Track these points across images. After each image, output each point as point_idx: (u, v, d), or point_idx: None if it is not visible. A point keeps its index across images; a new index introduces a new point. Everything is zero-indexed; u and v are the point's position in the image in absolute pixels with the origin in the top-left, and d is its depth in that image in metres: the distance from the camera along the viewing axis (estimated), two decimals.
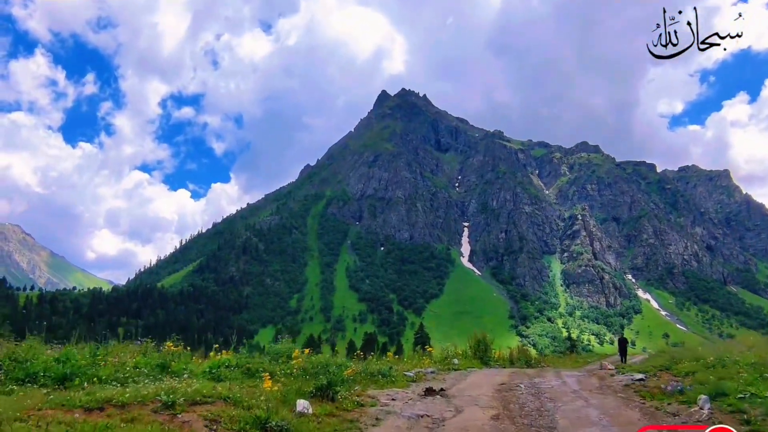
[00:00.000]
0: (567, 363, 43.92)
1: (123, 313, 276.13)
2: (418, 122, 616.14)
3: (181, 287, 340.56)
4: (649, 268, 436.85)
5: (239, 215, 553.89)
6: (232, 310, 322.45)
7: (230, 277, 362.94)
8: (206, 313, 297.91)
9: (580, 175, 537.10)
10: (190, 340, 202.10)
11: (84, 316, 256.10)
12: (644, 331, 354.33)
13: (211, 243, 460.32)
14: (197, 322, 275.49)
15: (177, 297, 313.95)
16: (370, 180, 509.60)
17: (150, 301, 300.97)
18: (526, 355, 35.81)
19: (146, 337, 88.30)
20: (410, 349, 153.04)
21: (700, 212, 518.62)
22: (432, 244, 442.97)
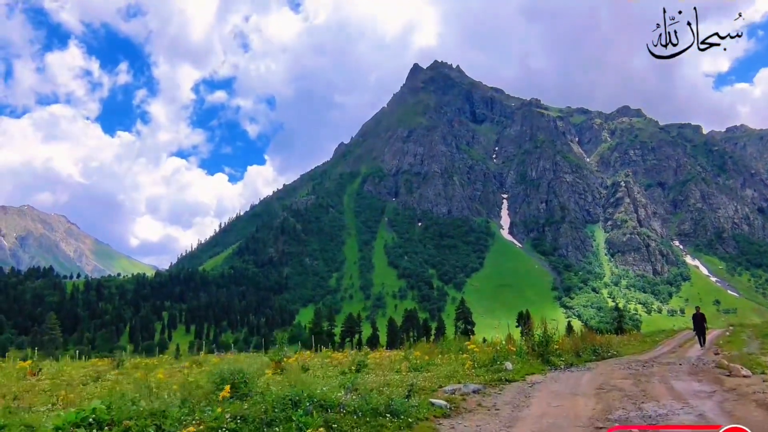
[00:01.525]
0: (635, 346, 36.31)
1: (167, 297, 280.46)
2: (452, 94, 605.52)
3: (222, 270, 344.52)
4: (698, 233, 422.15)
5: (276, 196, 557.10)
6: (273, 290, 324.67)
7: (269, 258, 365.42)
8: (247, 294, 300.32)
9: (622, 141, 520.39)
10: (232, 322, 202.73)
11: (129, 301, 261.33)
12: (694, 298, 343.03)
13: (250, 225, 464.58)
14: (239, 304, 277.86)
15: (218, 280, 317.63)
16: (405, 155, 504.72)
17: (192, 284, 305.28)
18: (592, 342, 28.25)
19: (191, 320, 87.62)
20: (451, 326, 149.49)
21: (750, 173, 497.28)
22: (470, 218, 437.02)
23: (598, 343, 27.32)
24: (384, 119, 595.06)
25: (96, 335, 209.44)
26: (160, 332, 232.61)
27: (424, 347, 27.64)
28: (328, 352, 36.23)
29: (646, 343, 38.97)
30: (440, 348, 26.89)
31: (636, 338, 43.12)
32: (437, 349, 26.72)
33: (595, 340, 27.99)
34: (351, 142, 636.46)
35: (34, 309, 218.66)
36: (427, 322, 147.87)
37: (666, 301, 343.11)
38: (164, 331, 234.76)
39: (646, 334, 49.93)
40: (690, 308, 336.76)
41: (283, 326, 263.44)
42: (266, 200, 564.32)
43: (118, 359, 29.95)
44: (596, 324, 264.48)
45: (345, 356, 27.35)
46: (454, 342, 29.28)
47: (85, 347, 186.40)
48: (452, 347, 26.55)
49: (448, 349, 26.13)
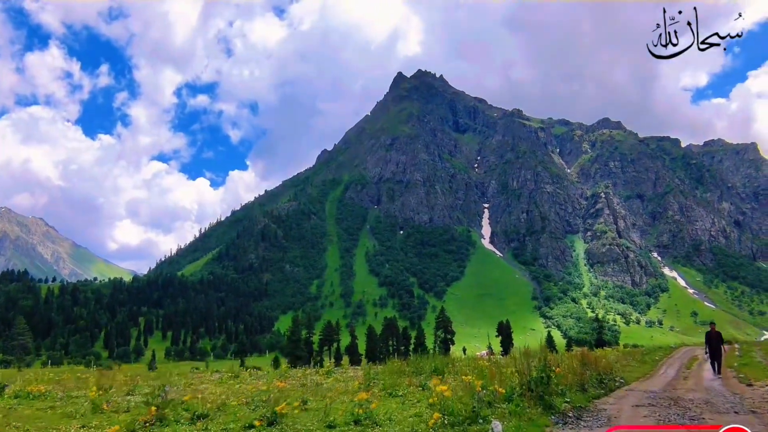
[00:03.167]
0: (637, 368, 31.17)
1: (144, 302, 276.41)
2: (436, 103, 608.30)
3: (201, 275, 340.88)
4: (675, 245, 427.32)
5: (257, 202, 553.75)
6: (252, 297, 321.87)
7: (250, 265, 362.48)
8: (226, 300, 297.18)
9: (602, 152, 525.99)
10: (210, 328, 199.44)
11: (105, 306, 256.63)
12: (671, 309, 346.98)
13: (230, 231, 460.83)
14: (218, 310, 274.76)
15: (197, 285, 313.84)
16: (387, 163, 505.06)
17: (170, 290, 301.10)
18: (595, 367, 21.73)
19: (168, 326, 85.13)
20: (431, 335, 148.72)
21: (727, 187, 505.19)
22: (452, 227, 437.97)
23: (602, 368, 22.29)
24: (367, 127, 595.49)
25: (70, 341, 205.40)
26: (136, 338, 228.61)
27: (394, 366, 25.80)
28: (248, 376, 32.66)
29: (646, 363, 34.80)
30: (412, 366, 24.89)
31: (633, 356, 39.12)
32: (408, 368, 24.66)
33: (598, 364, 22.50)
34: (334, 149, 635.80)
35: (7, 313, 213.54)
36: (407, 331, 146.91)
37: (644, 312, 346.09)
38: (140, 337, 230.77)
39: (643, 352, 46.56)
40: (668, 319, 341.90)
41: (262, 333, 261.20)
42: (247, 206, 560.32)
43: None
44: (575, 334, 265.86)
45: (280, 384, 21.34)
46: (428, 361, 25.98)
47: (58, 353, 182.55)
48: (425, 367, 24.37)
49: (419, 369, 24.04)
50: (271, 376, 30.11)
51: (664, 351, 50.23)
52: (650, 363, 35.08)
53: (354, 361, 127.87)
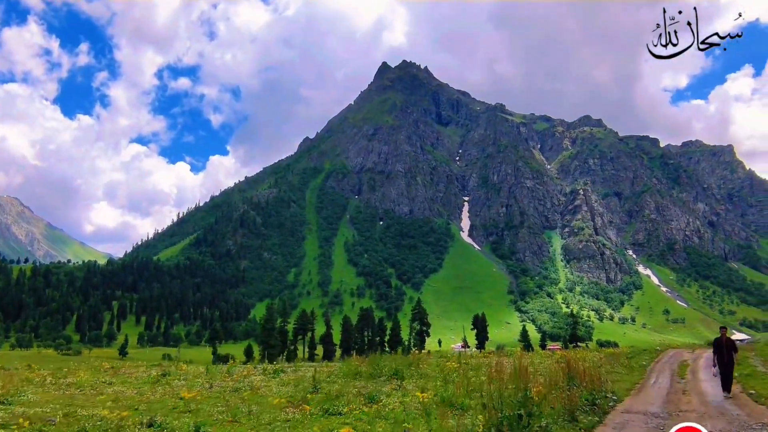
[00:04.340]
0: (624, 376, 27.65)
1: (118, 286, 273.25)
2: (419, 95, 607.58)
3: (178, 261, 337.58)
4: (651, 243, 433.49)
5: (237, 188, 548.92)
6: (229, 284, 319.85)
7: (227, 251, 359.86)
8: (202, 286, 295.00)
9: (582, 150, 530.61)
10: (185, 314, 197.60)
11: (78, 289, 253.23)
12: (644, 307, 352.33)
13: (209, 216, 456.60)
14: (193, 296, 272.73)
15: (173, 270, 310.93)
16: (369, 153, 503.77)
17: (146, 274, 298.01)
18: (586, 381, 18.18)
19: (142, 311, 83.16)
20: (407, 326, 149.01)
21: (702, 188, 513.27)
22: (432, 219, 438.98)
23: (591, 382, 18.18)
24: (350, 116, 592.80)
25: (40, 323, 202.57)
26: (108, 322, 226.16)
27: (351, 366, 24.57)
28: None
29: (633, 370, 31.53)
30: (370, 367, 23.33)
31: (617, 360, 35.48)
32: (366, 369, 23.22)
33: (586, 377, 18.40)
34: (316, 137, 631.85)
35: None
36: (383, 322, 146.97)
37: (618, 308, 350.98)
38: (113, 321, 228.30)
39: (628, 355, 42.28)
40: (641, 316, 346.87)
41: (238, 320, 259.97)
42: (227, 191, 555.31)
43: None
44: (550, 329, 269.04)
45: (187, 395, 17.57)
46: (389, 361, 24.23)
47: (27, 335, 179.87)
48: (385, 368, 22.62)
49: (378, 371, 22.43)
50: (211, 372, 27.50)
51: (649, 354, 47.23)
52: (638, 369, 32.01)
53: (328, 351, 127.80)
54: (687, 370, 31.85)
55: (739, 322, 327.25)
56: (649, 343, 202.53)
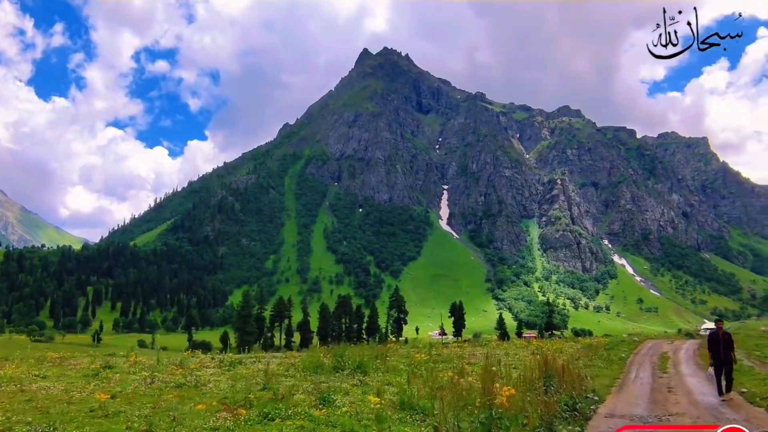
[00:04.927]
0: (603, 370, 26.21)
1: (93, 271, 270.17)
2: (400, 82, 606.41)
3: (155, 246, 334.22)
4: (626, 233, 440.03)
5: (215, 174, 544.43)
6: (207, 270, 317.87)
7: (205, 237, 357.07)
8: (180, 272, 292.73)
9: (560, 140, 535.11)
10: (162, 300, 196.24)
11: (52, 274, 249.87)
12: (619, 296, 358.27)
13: (186, 202, 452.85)
14: (170, 282, 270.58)
15: (150, 256, 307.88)
16: (349, 140, 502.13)
17: (122, 260, 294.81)
18: (565, 381, 16.46)
19: (117, 297, 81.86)
20: (385, 314, 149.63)
21: (677, 179, 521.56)
22: (411, 207, 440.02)
23: (570, 380, 16.39)
24: (330, 102, 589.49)
25: (13, 309, 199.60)
26: (83, 308, 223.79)
27: (313, 357, 22.97)
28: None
29: (613, 363, 29.95)
30: (334, 359, 21.76)
31: (595, 352, 33.65)
32: (330, 360, 21.69)
33: (566, 375, 16.55)
34: (296, 123, 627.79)
35: None
36: (360, 309, 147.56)
37: (593, 297, 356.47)
38: (88, 307, 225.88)
39: (606, 347, 40.53)
40: (616, 305, 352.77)
41: (215, 307, 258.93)
42: (205, 177, 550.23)
43: None
44: (526, 317, 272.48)
45: (100, 396, 14.81)
46: (355, 352, 22.87)
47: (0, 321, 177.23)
48: (349, 360, 21.03)
49: (342, 363, 20.84)
50: (161, 364, 24.51)
51: (628, 345, 45.84)
52: (617, 362, 30.59)
53: (305, 339, 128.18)
54: (668, 363, 30.93)
55: (710, 311, 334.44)
56: (622, 332, 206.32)
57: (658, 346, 45.87)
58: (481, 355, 26.11)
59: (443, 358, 27.21)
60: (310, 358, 22.83)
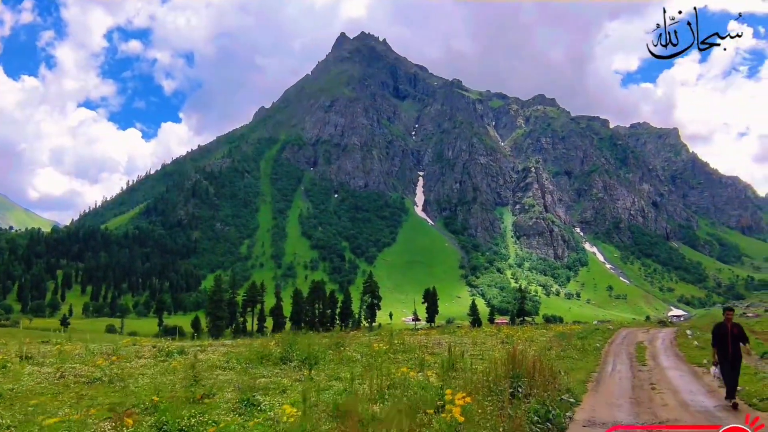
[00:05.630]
0: (578, 363, 24.16)
1: (63, 255, 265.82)
2: (377, 68, 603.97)
3: (126, 230, 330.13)
4: (597, 222, 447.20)
5: (189, 157, 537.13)
6: (180, 254, 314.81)
7: (178, 221, 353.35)
8: (152, 257, 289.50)
9: (535, 128, 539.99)
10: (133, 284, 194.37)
11: (20, 257, 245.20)
12: (589, 283, 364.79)
13: (160, 185, 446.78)
14: (142, 267, 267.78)
15: (121, 240, 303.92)
16: (326, 125, 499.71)
17: (92, 243, 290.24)
18: (536, 381, 14.13)
19: (88, 281, 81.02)
20: (358, 299, 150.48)
21: (648, 169, 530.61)
22: (386, 193, 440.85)
23: (542, 380, 14.01)
24: (307, 86, 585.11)
25: None
26: (53, 292, 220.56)
27: (259, 347, 21.27)
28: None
29: (587, 354, 27.95)
30: (282, 349, 20.02)
31: (569, 341, 31.54)
32: (278, 350, 20.00)
33: (537, 373, 13.99)
34: (272, 107, 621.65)
35: None
36: (334, 295, 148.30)
37: (564, 284, 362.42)
38: (57, 291, 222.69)
39: (579, 335, 38.18)
40: (586, 292, 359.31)
41: (188, 291, 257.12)
42: (179, 160, 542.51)
43: None
44: (499, 303, 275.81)
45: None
46: (305, 341, 21.37)
47: None
48: (297, 351, 19.38)
49: (289, 355, 19.21)
50: (90, 352, 21.68)
51: (602, 334, 43.49)
52: (592, 353, 28.51)
53: (278, 324, 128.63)
54: (646, 353, 28.93)
55: (678, 299, 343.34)
56: (592, 319, 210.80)
57: (632, 334, 44.64)
58: (447, 344, 24.36)
59: (405, 347, 25.23)
60: (255, 348, 20.91)
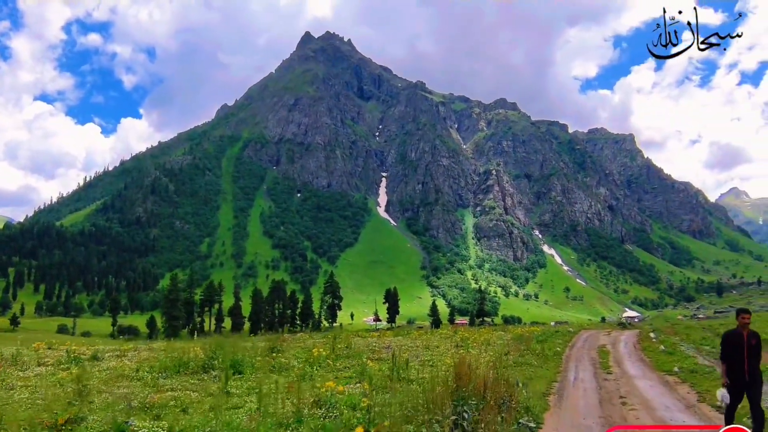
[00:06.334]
0: (538, 370, 21.38)
1: (15, 252, 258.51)
2: (342, 68, 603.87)
3: (83, 227, 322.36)
4: (555, 224, 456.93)
5: (149, 153, 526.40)
6: (138, 252, 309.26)
7: (137, 218, 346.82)
8: (109, 255, 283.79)
9: (497, 131, 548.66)
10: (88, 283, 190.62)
11: None
12: (547, 284, 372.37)
13: (118, 182, 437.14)
14: (98, 265, 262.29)
15: (77, 237, 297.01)
16: (289, 124, 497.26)
17: (47, 240, 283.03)
18: (496, 402, 11.03)
19: (41, 279, 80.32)
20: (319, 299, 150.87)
21: (605, 173, 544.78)
22: (349, 193, 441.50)
23: (497, 397, 11.20)
24: (271, 85, 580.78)
25: None
26: (3, 290, 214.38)
27: (175, 351, 19.04)
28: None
29: (547, 359, 25.34)
30: (208, 354, 17.65)
31: (527, 345, 28.90)
32: (203, 356, 17.55)
33: (489, 392, 11.09)
34: (235, 104, 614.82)
35: None
36: (294, 295, 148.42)
37: (523, 285, 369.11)
38: (9, 289, 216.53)
39: (539, 338, 35.75)
40: (544, 293, 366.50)
41: (146, 290, 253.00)
42: (138, 156, 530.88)
43: None
44: (459, 304, 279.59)
45: None
46: (230, 345, 18.88)
47: None
48: (221, 357, 17.03)
49: (211, 362, 16.83)
50: None
51: (563, 337, 41.47)
52: (553, 359, 26.08)
53: (237, 324, 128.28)
54: (609, 358, 26.95)
55: (631, 301, 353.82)
56: (550, 319, 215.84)
57: (593, 337, 42.45)
58: (399, 349, 22.67)
59: (350, 352, 22.87)
60: (174, 354, 18.26)
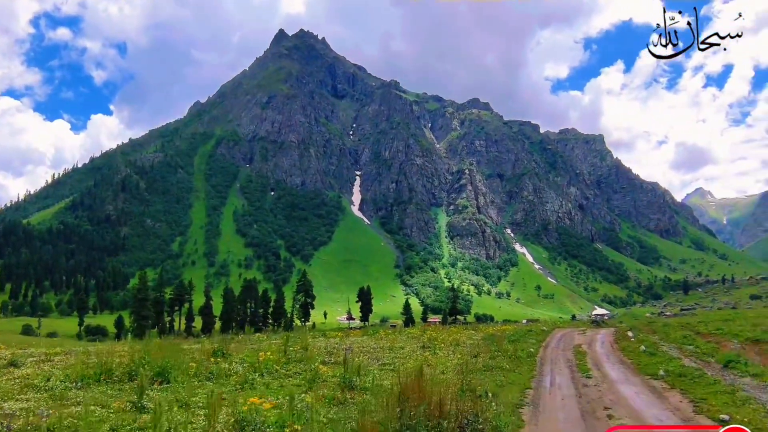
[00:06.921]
0: (511, 375, 19.58)
1: None
2: (316, 66, 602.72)
3: (51, 225, 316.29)
4: (527, 223, 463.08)
5: (120, 150, 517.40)
6: (108, 251, 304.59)
7: (107, 216, 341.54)
8: (77, 253, 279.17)
9: (470, 131, 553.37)
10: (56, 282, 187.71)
11: None
12: (519, 282, 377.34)
13: (87, 179, 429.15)
14: (66, 263, 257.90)
15: (45, 235, 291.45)
16: (262, 122, 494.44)
17: (13, 238, 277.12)
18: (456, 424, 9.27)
19: (7, 278, 79.68)
20: (291, 299, 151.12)
21: (575, 173, 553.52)
22: (323, 191, 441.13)
23: (461, 416, 9.51)
24: (244, 82, 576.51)
25: None
26: None
27: (111, 354, 16.59)
28: None
29: (521, 362, 23.40)
30: (135, 361, 15.33)
31: (499, 345, 27.49)
32: (129, 361, 15.56)
33: (446, 416, 9.19)
34: (207, 101, 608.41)
35: None
36: (266, 294, 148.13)
37: (495, 284, 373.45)
38: None
39: (511, 337, 34.61)
40: (516, 291, 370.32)
41: (115, 290, 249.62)
42: (109, 153, 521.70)
43: None
44: (432, 302, 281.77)
45: None
46: (159, 349, 16.40)
47: None
48: (149, 362, 14.98)
49: (134, 369, 14.79)
50: None
51: (536, 336, 39.87)
52: (526, 361, 24.26)
53: (207, 324, 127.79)
54: (587, 360, 25.43)
55: (601, 299, 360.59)
56: (522, 317, 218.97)
57: (568, 336, 41.13)
58: (359, 351, 21.42)
59: (306, 355, 20.19)
60: (94, 360, 16.35)
